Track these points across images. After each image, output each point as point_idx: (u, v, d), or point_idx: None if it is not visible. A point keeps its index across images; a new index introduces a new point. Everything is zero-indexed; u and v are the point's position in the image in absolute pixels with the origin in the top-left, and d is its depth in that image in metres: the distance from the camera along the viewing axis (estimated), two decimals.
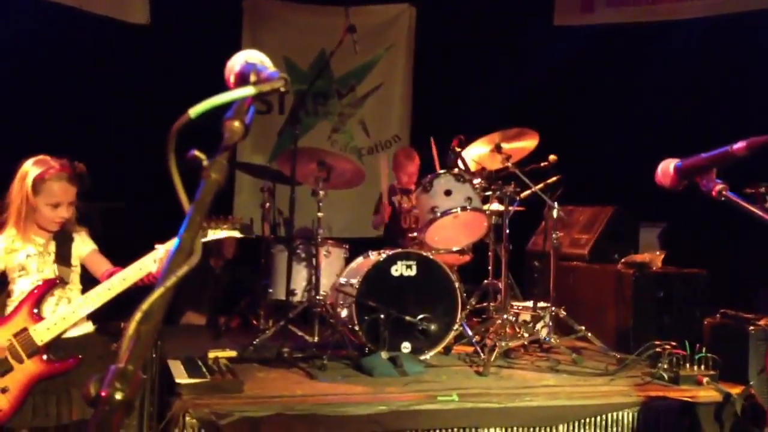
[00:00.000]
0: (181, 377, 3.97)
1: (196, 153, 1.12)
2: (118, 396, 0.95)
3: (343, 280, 5.17)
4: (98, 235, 3.56)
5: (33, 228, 3.27)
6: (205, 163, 1.12)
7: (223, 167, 1.12)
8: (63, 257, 3.29)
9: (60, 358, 3.16)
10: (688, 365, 4.49)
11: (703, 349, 4.48)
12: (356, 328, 4.81)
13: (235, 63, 1.25)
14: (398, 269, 4.98)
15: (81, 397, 3.14)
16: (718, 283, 5.74)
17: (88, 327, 3.35)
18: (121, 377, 0.96)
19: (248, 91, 1.14)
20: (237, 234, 3.44)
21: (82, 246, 3.37)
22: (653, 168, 2.44)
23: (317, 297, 5.14)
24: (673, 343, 4.60)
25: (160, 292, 0.99)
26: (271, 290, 5.48)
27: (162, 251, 3.15)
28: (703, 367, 4.47)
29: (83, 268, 3.38)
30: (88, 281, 3.36)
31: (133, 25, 7.13)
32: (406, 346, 4.87)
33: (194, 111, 1.10)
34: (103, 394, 0.96)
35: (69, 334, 3.22)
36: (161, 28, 7.15)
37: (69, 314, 3.16)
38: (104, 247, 3.50)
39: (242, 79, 1.19)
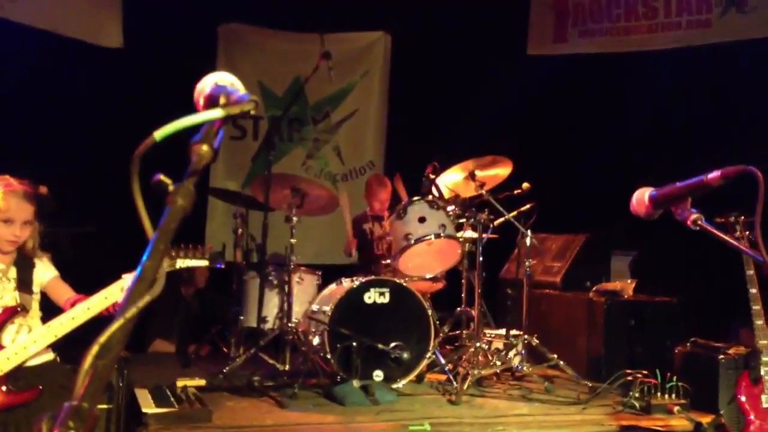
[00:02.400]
0: (149, 407, 3.88)
1: (162, 178, 1.08)
2: None
3: (315, 307, 5.12)
4: (68, 260, 3.47)
5: None
6: (171, 188, 1.08)
7: (189, 193, 1.08)
8: (24, 284, 3.18)
9: (20, 389, 3.04)
10: (659, 394, 4.49)
11: (674, 378, 4.49)
12: (328, 356, 4.75)
13: (205, 85, 1.21)
14: (371, 296, 4.95)
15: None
16: (688, 312, 5.76)
17: (49, 355, 3.24)
18: (75, 415, 0.91)
19: (216, 113, 1.10)
20: (205, 263, 3.37)
21: (44, 272, 3.27)
22: (625, 196, 2.43)
23: (289, 324, 5.08)
24: (645, 372, 4.60)
25: (120, 323, 0.95)
26: (242, 317, 5.41)
27: (129, 280, 3.07)
28: (674, 396, 4.47)
29: (44, 294, 3.28)
30: (50, 308, 3.26)
31: (106, 48, 7.07)
32: (378, 375, 4.82)
33: (160, 133, 1.06)
34: None
35: (29, 363, 3.10)
36: (135, 52, 7.10)
37: (30, 344, 3.04)
38: (74, 273, 3.41)
39: (212, 102, 1.16)
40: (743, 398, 3.94)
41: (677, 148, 6.78)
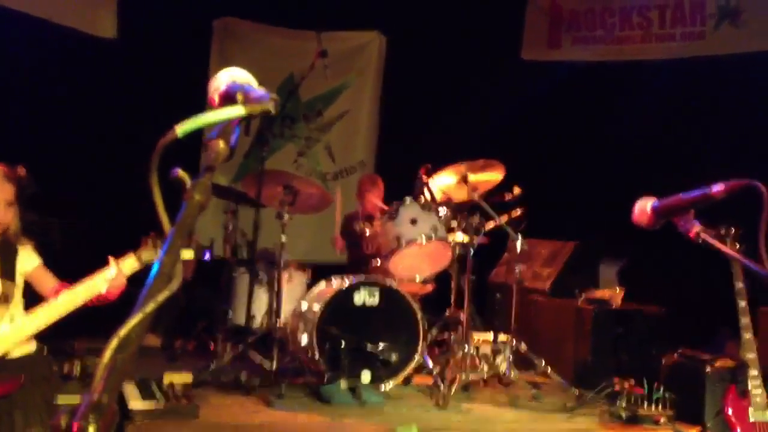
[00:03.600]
0: (135, 401, 3.85)
1: (180, 173, 1.07)
2: (91, 429, 0.89)
3: (304, 305, 5.10)
4: (56, 249, 3.43)
5: None
6: (188, 183, 1.07)
7: (206, 189, 1.07)
8: (6, 272, 3.10)
9: (2, 379, 2.98)
10: (646, 404, 4.50)
11: (661, 389, 4.50)
12: (316, 355, 4.73)
13: (221, 82, 1.20)
14: (361, 297, 4.93)
15: (23, 419, 3.00)
16: (676, 322, 5.79)
17: (31, 346, 3.16)
18: (95, 409, 0.89)
19: (238, 111, 1.09)
20: (190, 255, 3.32)
21: (28, 260, 3.20)
22: (616, 204, 2.43)
23: (277, 322, 5.06)
24: (632, 382, 4.61)
25: (139, 318, 0.94)
26: (230, 314, 5.39)
27: (114, 271, 3.01)
28: (660, 406, 4.48)
29: (26, 283, 3.22)
30: (32, 297, 3.21)
31: (100, 38, 7.02)
32: (366, 376, 4.80)
33: (181, 129, 1.05)
34: (74, 427, 0.89)
35: (12, 354, 3.04)
36: (129, 43, 7.05)
37: (12, 334, 2.98)
38: (61, 263, 3.37)
39: (228, 99, 1.15)
40: (730, 411, 3.95)
41: (669, 159, 6.81)
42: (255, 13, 8.09)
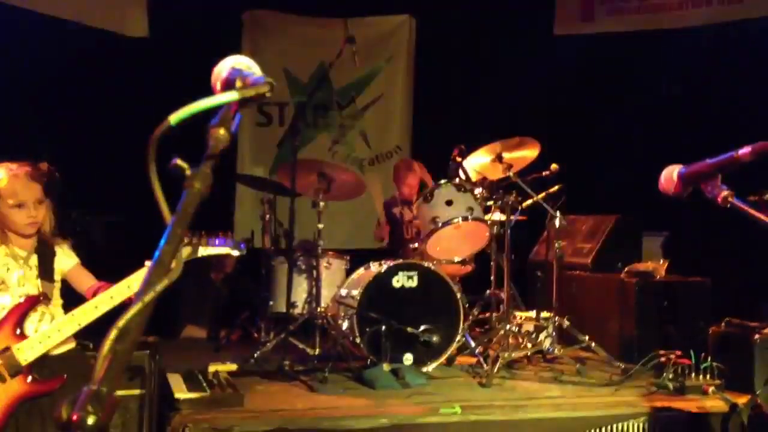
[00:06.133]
0: (181, 392, 3.92)
1: (179, 162, 1.08)
2: (90, 420, 0.90)
3: (344, 291, 5.13)
4: (98, 247, 3.48)
5: (9, 239, 3.13)
6: (188, 172, 1.07)
7: (207, 177, 1.07)
8: (45, 272, 3.16)
9: (44, 377, 3.03)
10: (693, 375, 4.43)
11: (709, 359, 4.43)
12: (357, 340, 4.76)
13: (222, 69, 1.20)
14: (399, 280, 4.94)
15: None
16: (721, 292, 5.68)
17: (71, 344, 3.23)
18: (94, 400, 0.90)
19: (231, 95, 1.09)
20: (227, 251, 3.35)
21: (65, 260, 3.25)
22: (655, 176, 2.39)
23: (318, 309, 5.10)
24: (678, 353, 4.55)
25: (138, 308, 0.94)
26: (271, 302, 5.45)
27: None
28: (708, 376, 4.41)
29: (64, 282, 3.26)
30: (70, 296, 3.26)
31: (132, 38, 7.11)
32: (408, 358, 4.81)
33: (175, 117, 1.06)
34: (74, 417, 0.90)
35: (53, 352, 3.08)
36: (160, 41, 7.13)
37: (54, 333, 3.02)
38: (103, 260, 3.42)
39: (228, 86, 1.15)
40: None
41: (709, 127, 6.66)
42: (284, 3, 8.10)
